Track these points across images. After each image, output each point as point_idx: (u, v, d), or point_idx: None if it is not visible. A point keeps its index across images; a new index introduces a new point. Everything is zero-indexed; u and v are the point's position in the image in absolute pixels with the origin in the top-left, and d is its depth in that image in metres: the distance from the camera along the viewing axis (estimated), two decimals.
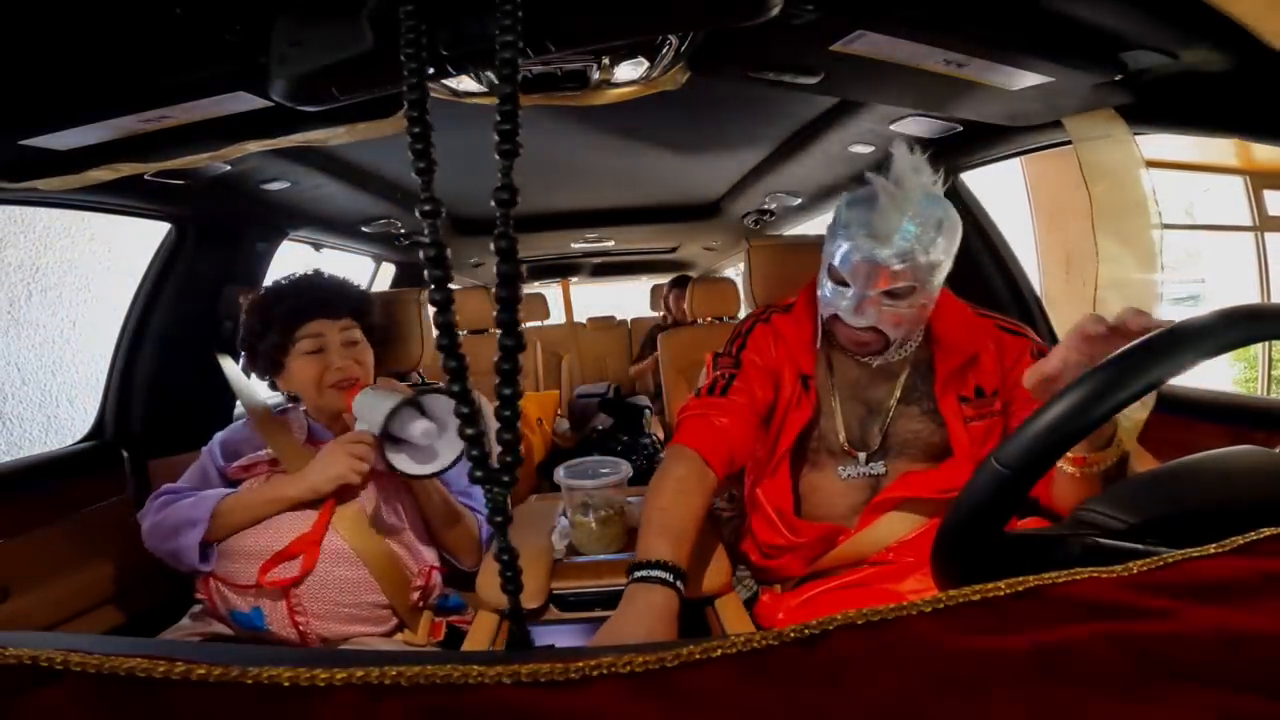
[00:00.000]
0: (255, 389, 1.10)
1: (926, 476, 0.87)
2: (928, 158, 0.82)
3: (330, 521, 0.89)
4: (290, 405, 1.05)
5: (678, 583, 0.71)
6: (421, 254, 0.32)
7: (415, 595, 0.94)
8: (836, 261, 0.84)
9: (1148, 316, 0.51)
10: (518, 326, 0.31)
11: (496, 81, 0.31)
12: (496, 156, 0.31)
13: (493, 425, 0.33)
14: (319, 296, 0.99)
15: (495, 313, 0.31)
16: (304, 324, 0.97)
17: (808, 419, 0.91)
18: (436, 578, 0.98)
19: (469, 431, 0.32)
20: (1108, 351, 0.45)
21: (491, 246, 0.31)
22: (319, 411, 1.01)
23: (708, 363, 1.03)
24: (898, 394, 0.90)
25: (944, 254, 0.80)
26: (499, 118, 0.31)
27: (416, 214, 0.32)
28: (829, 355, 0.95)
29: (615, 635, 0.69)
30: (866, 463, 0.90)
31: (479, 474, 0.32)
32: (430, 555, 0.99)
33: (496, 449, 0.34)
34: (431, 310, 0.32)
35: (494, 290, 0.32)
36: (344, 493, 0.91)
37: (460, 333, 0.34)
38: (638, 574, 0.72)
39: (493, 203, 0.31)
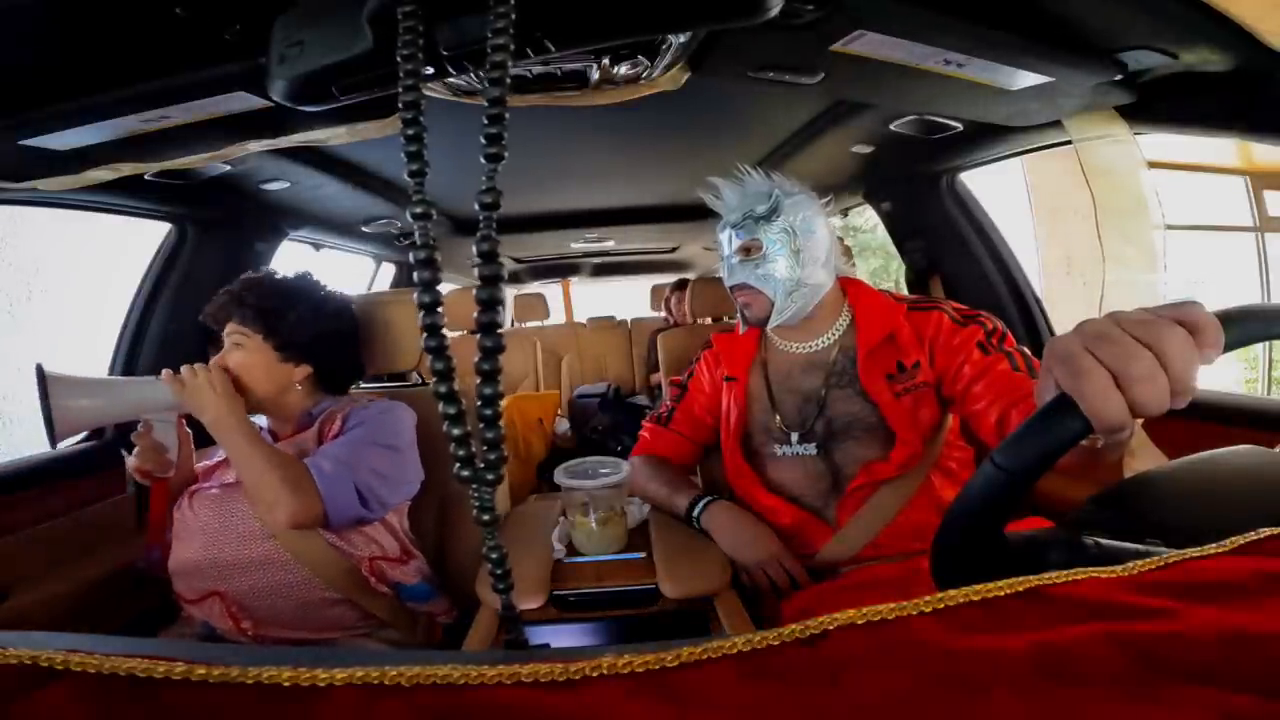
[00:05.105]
0: None
1: (885, 464, 0.92)
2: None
3: (170, 506, 0.92)
4: None
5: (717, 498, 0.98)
6: (411, 256, 0.32)
7: (372, 580, 0.92)
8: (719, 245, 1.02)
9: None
10: (498, 328, 0.31)
11: (486, 85, 0.31)
12: (482, 159, 0.31)
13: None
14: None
15: (475, 314, 0.31)
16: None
17: (739, 413, 1.03)
18: (380, 568, 0.94)
19: (455, 432, 0.32)
20: None
21: (473, 249, 0.31)
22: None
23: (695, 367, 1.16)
24: (828, 379, 0.98)
25: (786, 218, 0.93)
26: (486, 121, 0.31)
27: (408, 216, 0.32)
28: (765, 355, 1.06)
29: (734, 544, 0.92)
30: (799, 442, 0.98)
31: (465, 473, 0.32)
32: (359, 549, 0.93)
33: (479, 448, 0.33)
34: (420, 312, 0.32)
35: (473, 291, 0.32)
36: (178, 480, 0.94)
37: (456, 333, 0.34)
38: (699, 507, 0.97)
39: (476, 205, 0.31)
